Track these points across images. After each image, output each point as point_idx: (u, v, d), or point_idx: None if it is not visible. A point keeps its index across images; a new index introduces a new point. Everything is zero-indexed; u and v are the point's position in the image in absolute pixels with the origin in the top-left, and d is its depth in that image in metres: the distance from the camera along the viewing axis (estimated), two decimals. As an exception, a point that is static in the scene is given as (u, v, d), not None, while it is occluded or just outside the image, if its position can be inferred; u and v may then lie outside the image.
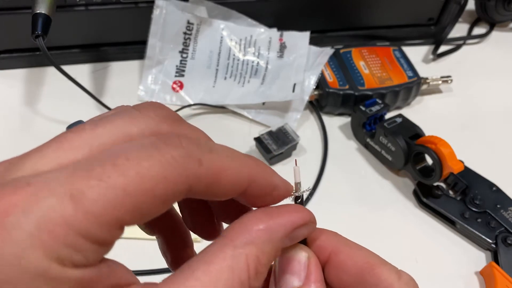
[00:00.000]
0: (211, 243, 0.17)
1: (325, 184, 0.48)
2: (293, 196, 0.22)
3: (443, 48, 0.64)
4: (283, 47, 0.56)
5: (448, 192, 0.47)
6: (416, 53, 0.63)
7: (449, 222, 0.45)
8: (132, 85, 0.56)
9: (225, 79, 0.55)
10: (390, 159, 0.48)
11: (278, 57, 0.55)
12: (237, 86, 0.55)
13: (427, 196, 0.46)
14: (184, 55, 0.56)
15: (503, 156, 0.52)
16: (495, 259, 0.43)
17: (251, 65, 0.55)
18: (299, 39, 0.56)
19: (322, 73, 0.54)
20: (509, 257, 0.42)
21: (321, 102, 0.55)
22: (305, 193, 0.22)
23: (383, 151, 0.49)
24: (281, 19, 0.57)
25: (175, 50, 0.55)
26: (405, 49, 0.59)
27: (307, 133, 0.53)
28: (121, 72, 0.58)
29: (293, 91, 0.52)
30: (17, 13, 0.51)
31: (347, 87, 0.53)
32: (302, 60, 0.54)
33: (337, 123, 0.55)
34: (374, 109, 0.50)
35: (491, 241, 0.43)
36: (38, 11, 0.44)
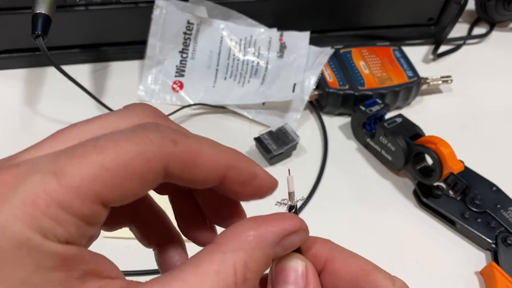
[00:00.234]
0: (201, 250, 0.17)
1: (325, 184, 0.48)
2: (287, 205, 0.22)
3: (443, 48, 0.64)
4: (283, 47, 0.56)
5: (448, 192, 0.47)
6: (416, 53, 0.63)
7: (449, 222, 0.45)
8: (132, 85, 0.56)
9: (225, 79, 0.55)
10: (390, 159, 0.48)
11: (278, 57, 0.55)
12: (237, 86, 0.55)
13: (427, 196, 0.46)
14: (184, 55, 0.56)
15: (503, 156, 0.52)
16: (495, 259, 0.43)
17: (251, 65, 0.55)
18: (299, 39, 0.56)
19: (322, 73, 0.54)
20: (509, 257, 0.42)
21: (321, 102, 0.55)
22: (298, 202, 0.22)
23: (383, 151, 0.49)
24: (281, 19, 0.58)
25: (175, 50, 0.55)
26: (405, 49, 0.59)
27: (307, 133, 0.53)
28: (121, 72, 0.58)
29: (293, 91, 0.52)
30: (17, 13, 0.51)
31: (347, 87, 0.53)
32: (302, 60, 0.54)
33: (337, 123, 0.55)
34: (374, 109, 0.50)
35: (491, 241, 0.43)
36: (38, 11, 0.44)
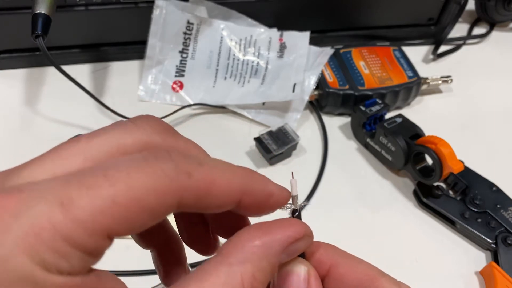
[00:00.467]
0: (206, 261, 0.17)
1: (325, 184, 0.48)
2: (290, 209, 0.21)
3: (443, 48, 0.64)
4: (283, 47, 0.56)
5: (448, 192, 0.47)
6: (416, 53, 0.63)
7: (449, 222, 0.45)
8: (132, 85, 0.56)
9: (225, 79, 0.55)
10: (390, 159, 0.48)
11: (278, 57, 0.55)
12: (237, 86, 0.55)
13: (427, 196, 0.46)
14: (184, 55, 0.56)
15: (503, 156, 0.52)
16: (495, 259, 0.43)
17: (251, 65, 0.55)
18: (299, 39, 0.56)
19: (322, 73, 0.54)
20: (509, 257, 0.42)
21: (321, 102, 0.55)
22: (302, 206, 0.22)
23: (383, 151, 0.49)
24: (281, 19, 0.57)
25: (175, 50, 0.55)
26: (405, 49, 0.59)
27: (307, 133, 0.53)
28: (121, 72, 0.58)
29: (293, 91, 0.52)
30: (17, 13, 0.51)
31: (347, 87, 0.53)
32: (302, 60, 0.54)
33: (337, 123, 0.55)
34: (374, 109, 0.50)
35: (491, 241, 0.43)
36: (38, 11, 0.44)
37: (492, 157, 0.52)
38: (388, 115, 0.51)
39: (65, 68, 0.47)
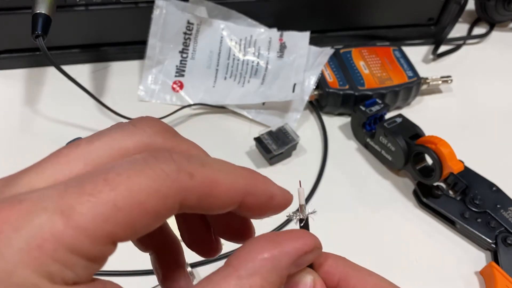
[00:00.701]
0: (214, 272, 0.17)
1: (325, 184, 0.48)
2: (297, 218, 0.21)
3: (443, 48, 0.64)
4: (283, 47, 0.56)
5: (448, 192, 0.47)
6: (416, 53, 0.63)
7: (449, 222, 0.45)
8: (132, 85, 0.56)
9: (225, 79, 0.55)
10: (390, 159, 0.48)
11: (278, 57, 0.55)
12: (237, 86, 0.55)
13: (427, 196, 0.46)
14: (184, 55, 0.56)
15: (503, 156, 0.52)
16: (495, 259, 0.43)
17: (251, 65, 0.55)
18: (299, 39, 0.56)
19: (322, 73, 0.54)
20: (509, 257, 0.42)
21: (321, 102, 0.55)
22: (310, 215, 0.22)
23: (383, 151, 0.49)
24: (281, 19, 0.58)
25: (175, 50, 0.55)
26: (405, 49, 0.59)
27: (307, 133, 0.53)
28: (121, 72, 0.58)
29: (293, 91, 0.52)
30: (17, 13, 0.51)
31: (347, 87, 0.53)
32: (302, 60, 0.54)
33: (337, 123, 0.55)
34: (374, 109, 0.50)
35: (491, 241, 0.43)
36: (38, 11, 0.44)
37: (492, 157, 0.52)
38: (388, 115, 0.51)
39: (65, 68, 0.47)
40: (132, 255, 0.39)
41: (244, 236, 0.22)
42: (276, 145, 0.48)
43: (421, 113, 0.56)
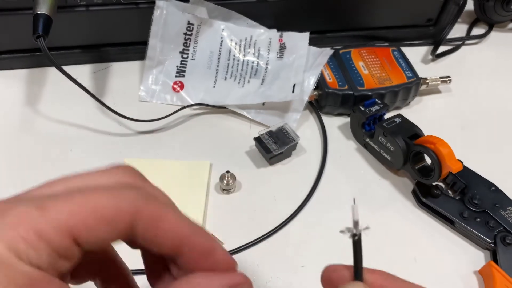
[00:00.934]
0: None
1: (325, 183, 0.48)
2: (351, 233, 0.23)
3: (442, 48, 0.64)
4: (283, 47, 0.56)
5: (447, 191, 0.47)
6: (415, 54, 0.64)
7: (448, 221, 0.46)
8: (133, 86, 0.57)
9: (225, 79, 0.56)
10: (389, 159, 0.49)
11: (278, 57, 0.56)
12: (237, 86, 0.55)
13: (426, 195, 0.46)
14: (184, 56, 0.56)
15: (502, 155, 0.53)
16: (494, 258, 0.43)
17: (251, 65, 0.56)
18: (298, 40, 0.56)
19: (321, 74, 0.54)
20: (508, 257, 0.42)
21: (321, 102, 0.55)
22: (363, 231, 0.23)
23: (382, 151, 0.49)
24: (281, 19, 0.58)
25: (175, 50, 0.56)
26: (404, 49, 0.60)
27: (307, 133, 0.53)
28: (122, 72, 0.58)
29: (293, 91, 0.52)
30: (18, 14, 0.52)
31: (347, 87, 0.54)
32: (301, 60, 0.55)
33: (336, 123, 0.55)
34: (373, 109, 0.50)
35: (490, 240, 0.43)
36: (39, 12, 0.45)
37: (491, 157, 0.52)
38: (387, 115, 0.51)
39: (66, 68, 0.47)
40: (133, 254, 0.40)
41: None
42: (276, 145, 0.48)
43: (420, 113, 0.56)
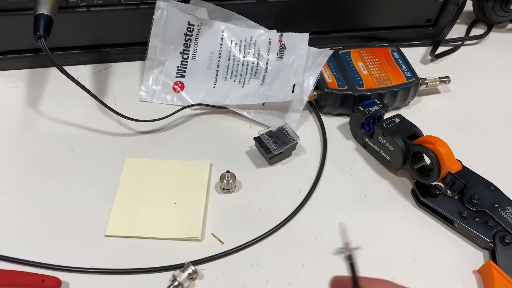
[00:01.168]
0: None
1: (324, 183, 0.49)
2: (345, 256, 0.24)
3: (441, 49, 0.64)
4: (282, 48, 0.56)
5: (446, 191, 0.48)
6: (414, 54, 0.64)
7: (447, 221, 0.46)
8: (133, 86, 0.57)
9: (225, 79, 0.56)
10: (388, 158, 0.49)
11: (277, 58, 0.56)
12: (237, 86, 0.55)
13: (425, 195, 0.46)
14: (185, 56, 0.56)
15: (500, 155, 0.53)
16: (493, 258, 0.43)
17: (251, 66, 0.56)
18: (298, 40, 0.56)
19: (321, 74, 0.54)
20: (506, 256, 0.42)
21: (320, 102, 0.55)
22: (354, 251, 0.24)
23: (382, 151, 0.49)
24: (280, 20, 0.58)
25: (176, 51, 0.56)
26: (404, 50, 0.60)
27: (307, 133, 0.53)
28: (122, 73, 0.59)
29: (293, 91, 0.52)
30: (19, 14, 0.52)
31: (346, 87, 0.54)
32: (301, 61, 0.55)
33: (336, 123, 0.55)
34: (372, 109, 0.50)
35: (489, 240, 0.43)
36: (40, 12, 0.45)
37: (489, 157, 0.52)
38: (386, 115, 0.51)
39: (67, 69, 0.47)
40: (133, 254, 0.40)
41: None
42: (276, 145, 0.49)
43: (419, 113, 0.57)
